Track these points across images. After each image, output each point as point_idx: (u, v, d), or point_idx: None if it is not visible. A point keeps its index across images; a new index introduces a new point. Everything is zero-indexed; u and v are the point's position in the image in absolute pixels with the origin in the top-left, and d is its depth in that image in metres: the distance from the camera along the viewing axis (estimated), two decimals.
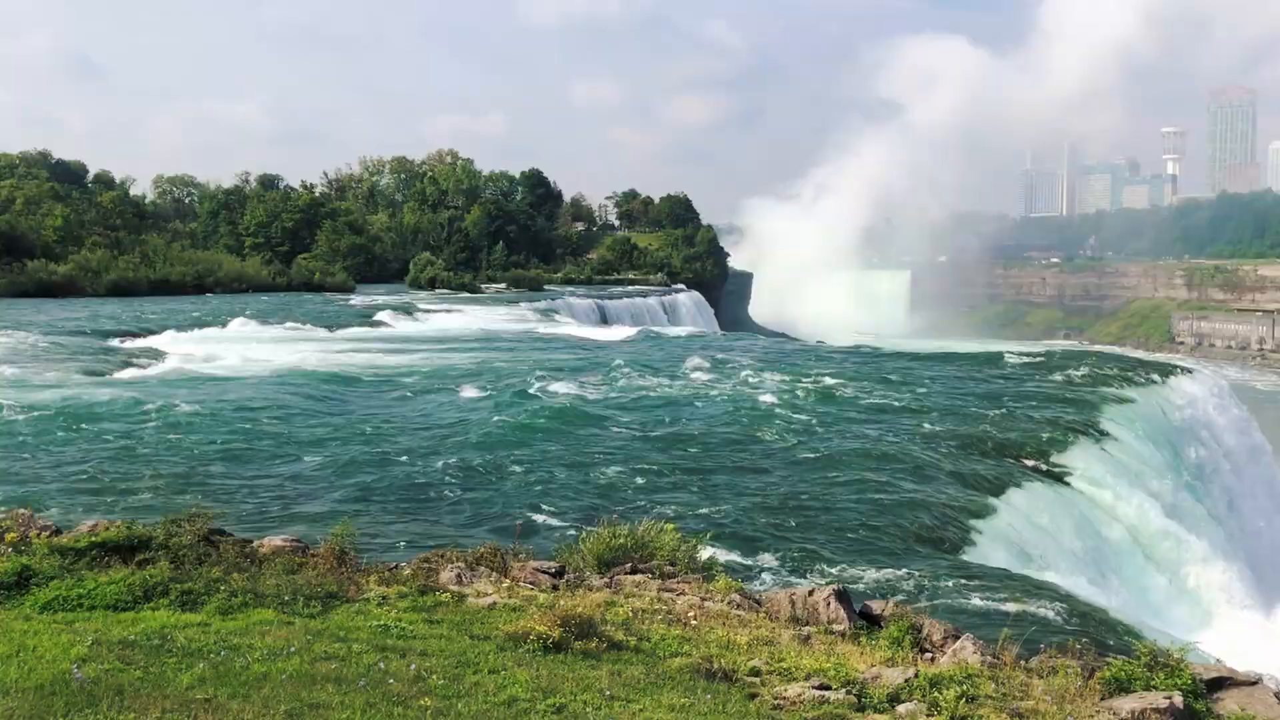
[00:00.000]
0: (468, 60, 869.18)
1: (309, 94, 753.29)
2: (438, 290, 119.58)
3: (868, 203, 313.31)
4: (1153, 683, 11.00)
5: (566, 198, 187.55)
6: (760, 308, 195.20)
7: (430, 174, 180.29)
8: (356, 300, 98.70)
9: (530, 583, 14.01)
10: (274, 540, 15.02)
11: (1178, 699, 10.44)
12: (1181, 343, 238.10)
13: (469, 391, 39.65)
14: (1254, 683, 11.68)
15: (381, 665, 9.87)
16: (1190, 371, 50.23)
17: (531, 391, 39.06)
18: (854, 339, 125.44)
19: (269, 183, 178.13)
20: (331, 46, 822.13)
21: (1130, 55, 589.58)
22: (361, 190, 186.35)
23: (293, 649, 10.15)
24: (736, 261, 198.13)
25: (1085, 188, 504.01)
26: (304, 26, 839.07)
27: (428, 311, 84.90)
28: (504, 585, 13.56)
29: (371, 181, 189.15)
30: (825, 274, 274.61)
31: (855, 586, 18.26)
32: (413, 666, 9.86)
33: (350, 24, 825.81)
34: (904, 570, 20.10)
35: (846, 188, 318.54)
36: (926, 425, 34.55)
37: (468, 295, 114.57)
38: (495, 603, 12.60)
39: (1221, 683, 11.60)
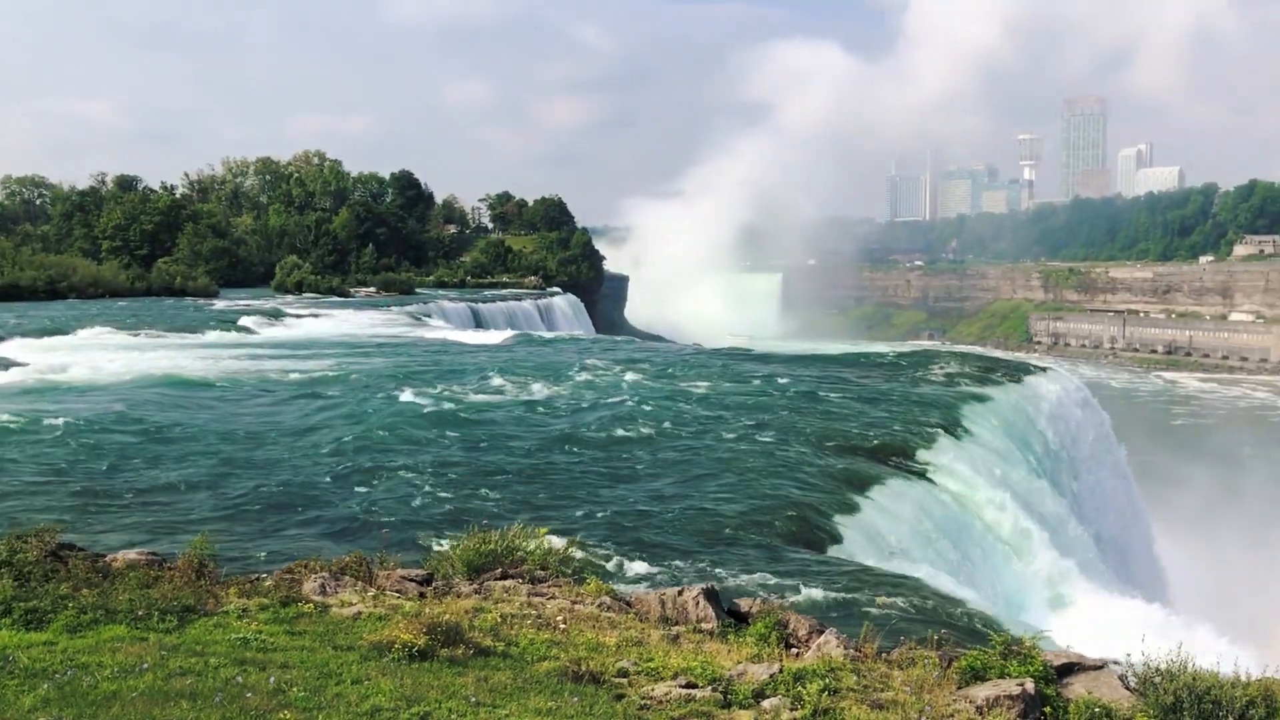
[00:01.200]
0: (333, 59, 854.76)
1: (167, 92, 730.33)
2: (305, 294, 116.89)
3: (741, 206, 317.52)
4: (1007, 670, 11.41)
5: (438, 199, 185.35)
6: (636, 311, 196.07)
7: (297, 175, 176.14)
8: (220, 305, 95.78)
9: (397, 591, 13.82)
10: (128, 554, 14.49)
11: (1029, 685, 10.86)
12: (1039, 342, 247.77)
13: (337, 398, 38.87)
14: (1100, 667, 12.21)
15: (239, 679, 9.62)
16: (1046, 370, 52.23)
17: (402, 397, 38.49)
18: (728, 341, 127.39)
19: (127, 184, 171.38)
20: (189, 43, 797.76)
21: (991, 63, 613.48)
22: (225, 192, 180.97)
23: (145, 666, 9.82)
24: (613, 264, 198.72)
25: (947, 192, 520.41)
26: (159, 23, 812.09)
27: (294, 316, 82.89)
28: (369, 594, 13.34)
29: (235, 183, 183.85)
30: (700, 277, 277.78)
31: (725, 585, 18.47)
32: (272, 679, 9.63)
33: (208, 20, 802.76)
34: (773, 568, 20.42)
35: (721, 191, 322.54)
36: (795, 425, 35.19)
37: (336, 299, 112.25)
38: (360, 612, 12.40)
39: (1071, 668, 12.08)
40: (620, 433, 33.01)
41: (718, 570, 19.87)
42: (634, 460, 29.46)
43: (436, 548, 17.98)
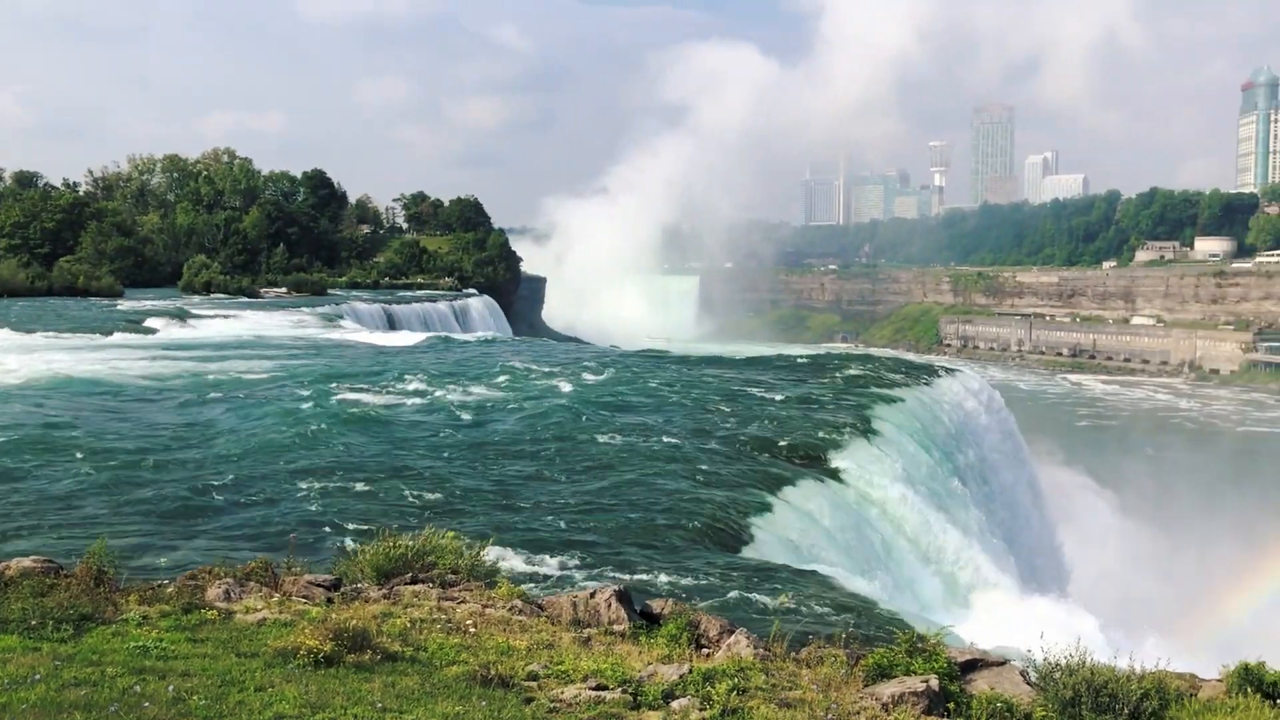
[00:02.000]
0: (245, 56, 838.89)
1: (71, 86, 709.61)
2: (213, 295, 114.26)
3: (663, 206, 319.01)
4: (912, 668, 11.60)
5: (352, 199, 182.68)
6: (555, 312, 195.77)
7: (205, 173, 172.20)
8: (124, 305, 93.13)
9: (304, 597, 13.59)
10: (23, 562, 13.99)
11: (934, 682, 11.06)
12: (949, 345, 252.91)
13: (245, 401, 38.09)
14: (1002, 663, 12.48)
15: (137, 688, 9.37)
16: (954, 372, 53.28)
17: (313, 400, 37.88)
18: (646, 343, 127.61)
19: (26, 180, 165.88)
20: (96, 37, 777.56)
21: (905, 71, 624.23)
22: (130, 189, 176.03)
23: (38, 676, 9.51)
24: (534, 265, 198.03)
25: (861, 197, 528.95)
26: (64, 15, 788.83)
27: (202, 317, 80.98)
28: (275, 600, 13.09)
29: (141, 180, 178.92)
30: (619, 278, 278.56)
31: (638, 586, 18.51)
32: (172, 688, 9.40)
33: (116, 14, 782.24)
34: (686, 569, 20.53)
35: (642, 190, 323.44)
36: (710, 426, 35.44)
37: (246, 300, 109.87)
38: (265, 618, 12.17)
39: (974, 665, 12.33)
40: (535, 435, 32.90)
41: (631, 572, 19.91)
42: (548, 463, 29.38)
43: (346, 553, 17.71)
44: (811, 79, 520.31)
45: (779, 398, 42.74)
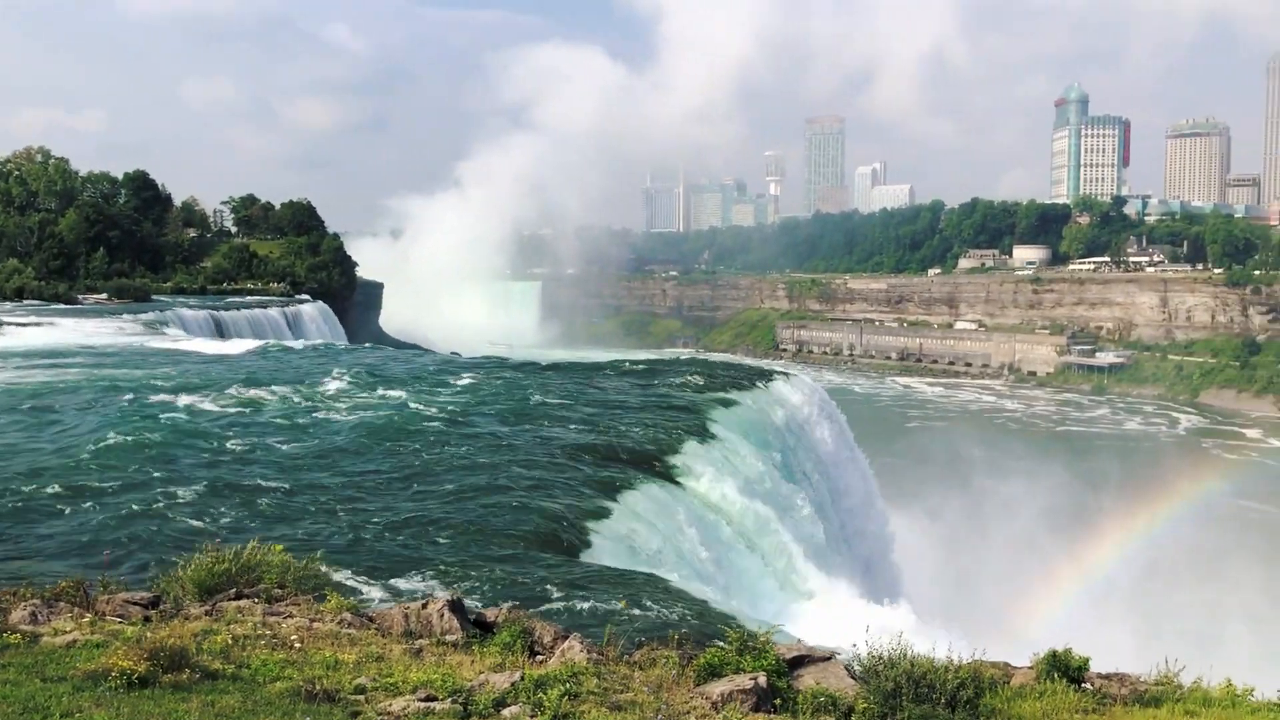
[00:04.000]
0: (56, 50, 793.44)
1: None
2: (27, 301, 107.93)
3: (507, 209, 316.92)
4: (742, 666, 11.86)
5: (177, 202, 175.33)
6: (393, 318, 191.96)
7: (17, 173, 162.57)
8: None
9: (119, 616, 13.01)
10: None
11: (762, 679, 11.33)
12: (785, 349, 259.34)
13: (60, 412, 36.15)
14: (829, 658, 12.86)
15: None
16: (789, 376, 54.56)
17: (133, 411, 36.23)
18: (487, 349, 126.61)
19: None
20: None
21: (743, 82, 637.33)
22: None
23: None
24: (373, 269, 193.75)
25: (700, 205, 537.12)
26: None
27: (14, 325, 76.42)
28: (87, 621, 12.49)
29: None
30: (460, 284, 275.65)
31: (474, 595, 18.37)
32: None
33: None
34: (524, 576, 20.45)
35: (488, 190, 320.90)
36: (549, 433, 35.39)
37: (63, 307, 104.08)
38: (75, 640, 11.59)
39: (802, 660, 12.67)
40: (369, 445, 32.23)
41: (467, 582, 19.71)
42: (382, 472, 28.84)
43: (167, 569, 16.99)
44: (652, 84, 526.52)
45: (619, 402, 42.99)
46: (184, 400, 38.86)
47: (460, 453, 31.60)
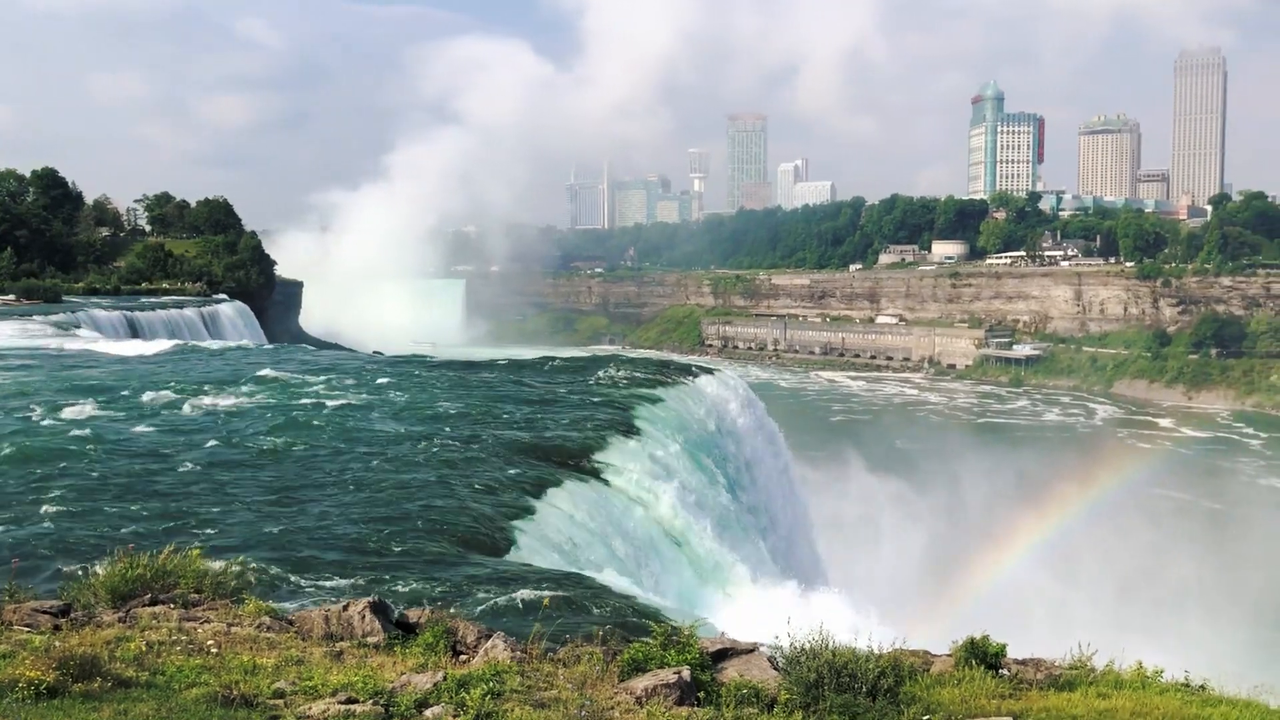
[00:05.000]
0: None
1: None
2: None
3: (432, 203, 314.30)
4: (666, 660, 11.89)
5: (89, 200, 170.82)
6: (314, 318, 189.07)
7: None
8: None
9: (27, 625, 12.63)
10: None
11: (685, 673, 11.37)
12: (710, 345, 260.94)
13: None
14: (751, 650, 12.96)
15: None
16: (713, 371, 54.81)
17: (43, 414, 35.22)
18: (411, 348, 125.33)
19: None
20: None
21: (667, 75, 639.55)
22: None
23: None
24: (295, 267, 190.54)
25: (625, 202, 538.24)
26: None
27: None
28: None
29: None
30: (382, 282, 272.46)
31: (397, 596, 18.19)
32: None
33: None
34: (448, 576, 20.30)
35: (412, 184, 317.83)
36: (473, 432, 35.13)
37: None
38: None
39: (725, 653, 12.75)
40: (288, 446, 31.70)
41: (391, 583, 19.51)
42: (304, 474, 28.41)
43: (78, 576, 16.56)
44: (576, 79, 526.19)
45: (544, 400, 42.85)
46: (95, 403, 37.87)
47: (382, 454, 31.24)
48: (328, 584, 19.39)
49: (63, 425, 33.40)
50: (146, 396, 39.91)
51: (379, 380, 46.92)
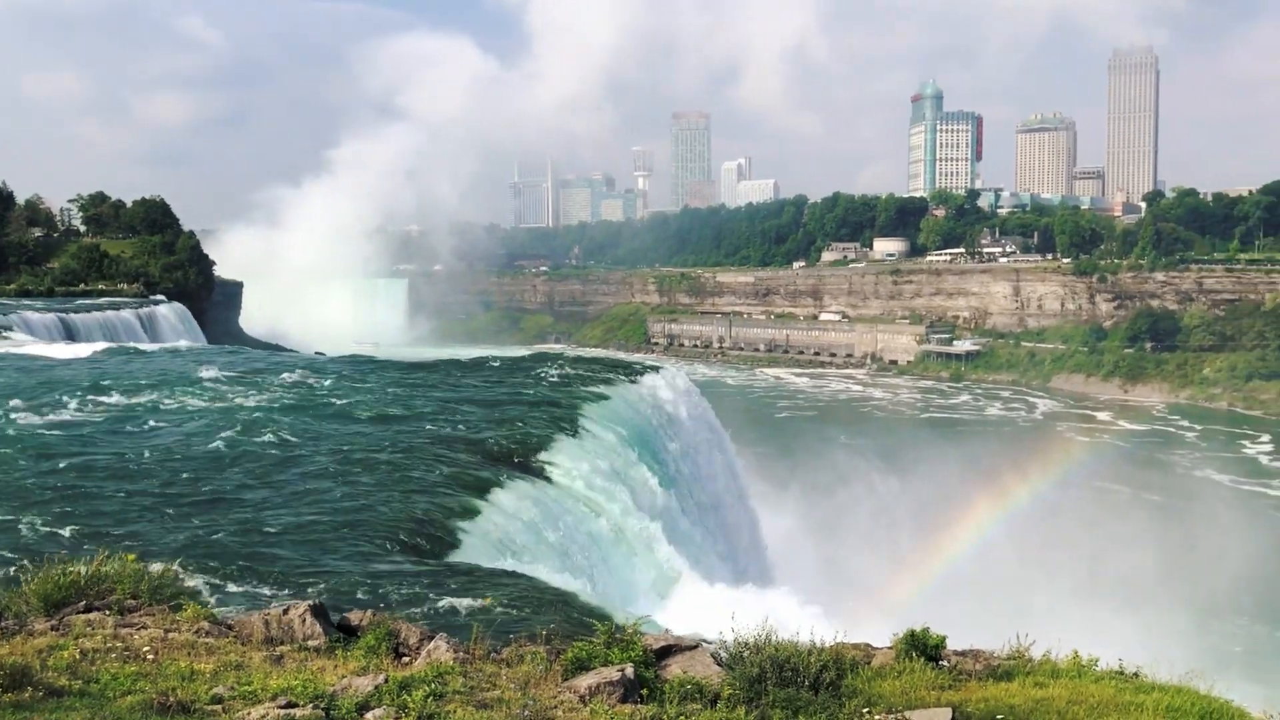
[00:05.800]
0: None
1: None
2: None
3: (370, 202, 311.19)
4: (609, 659, 11.89)
5: (20, 200, 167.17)
6: (256, 318, 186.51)
7: None
8: None
9: None
10: None
11: (629, 670, 11.38)
12: (656, 344, 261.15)
13: None
14: (695, 647, 13.00)
15: None
16: (659, 369, 54.91)
17: None
18: (353, 348, 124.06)
19: None
20: None
21: (611, 72, 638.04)
22: None
23: None
24: (236, 266, 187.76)
25: (569, 200, 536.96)
26: None
27: None
28: None
29: None
30: (323, 283, 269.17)
31: (340, 599, 18.01)
32: None
33: None
34: (391, 578, 20.14)
35: (347, 186, 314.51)
36: (417, 432, 34.91)
37: None
38: None
39: (669, 650, 12.78)
40: (227, 449, 31.27)
41: (332, 586, 19.32)
42: (243, 477, 28.04)
43: (9, 584, 16.21)
44: (522, 76, 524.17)
45: (488, 399, 42.65)
46: (26, 407, 37.08)
47: (322, 455, 30.93)
48: (266, 588, 19.16)
49: None
50: (82, 400, 39.16)
51: (319, 381, 46.44)
